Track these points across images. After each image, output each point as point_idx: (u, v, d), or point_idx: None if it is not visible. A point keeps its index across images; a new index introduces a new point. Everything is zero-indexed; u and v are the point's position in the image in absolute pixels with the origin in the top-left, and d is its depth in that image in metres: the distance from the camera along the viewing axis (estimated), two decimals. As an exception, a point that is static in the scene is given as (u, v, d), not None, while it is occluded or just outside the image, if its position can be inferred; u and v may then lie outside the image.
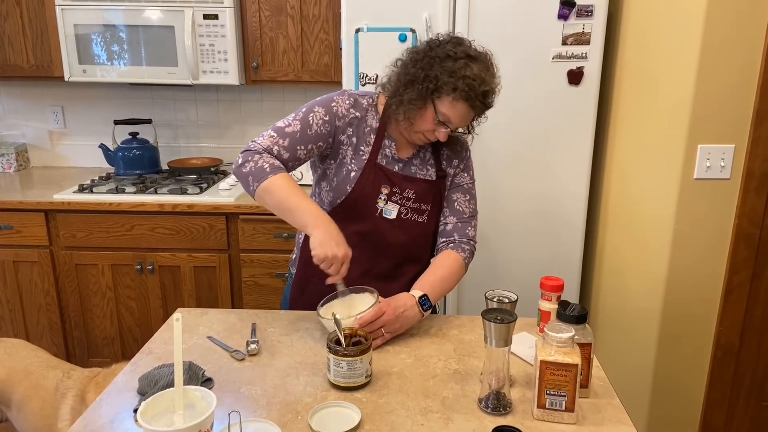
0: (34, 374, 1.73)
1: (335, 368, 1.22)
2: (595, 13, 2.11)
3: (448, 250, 1.56)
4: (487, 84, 1.39)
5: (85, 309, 2.64)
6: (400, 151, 1.55)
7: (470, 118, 1.46)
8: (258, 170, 1.41)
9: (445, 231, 1.59)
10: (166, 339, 1.44)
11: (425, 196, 1.55)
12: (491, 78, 1.41)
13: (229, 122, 3.05)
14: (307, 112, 1.49)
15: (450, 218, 1.59)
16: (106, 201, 2.49)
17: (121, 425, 1.12)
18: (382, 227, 1.52)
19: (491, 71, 1.42)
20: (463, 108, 1.41)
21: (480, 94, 1.38)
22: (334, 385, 1.23)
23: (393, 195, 1.53)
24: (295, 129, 1.47)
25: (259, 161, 1.42)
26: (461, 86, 1.37)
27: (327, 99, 1.52)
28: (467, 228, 1.59)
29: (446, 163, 1.59)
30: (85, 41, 2.58)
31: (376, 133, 1.53)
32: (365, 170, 1.51)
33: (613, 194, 2.30)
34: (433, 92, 1.40)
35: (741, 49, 1.81)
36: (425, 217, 1.56)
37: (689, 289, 2.02)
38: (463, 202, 1.60)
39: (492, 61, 1.45)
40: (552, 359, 1.10)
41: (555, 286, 1.36)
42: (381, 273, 1.55)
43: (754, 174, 1.89)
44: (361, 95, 1.55)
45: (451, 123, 1.43)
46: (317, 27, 2.61)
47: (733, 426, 2.15)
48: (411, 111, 1.43)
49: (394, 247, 1.55)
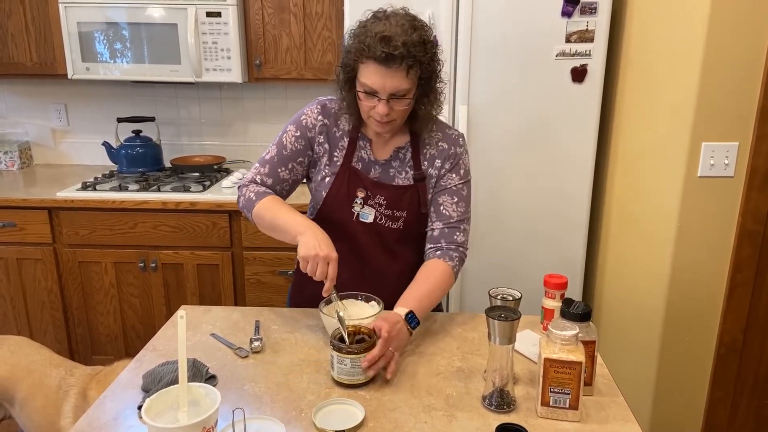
0: (37, 372, 1.74)
1: (339, 365, 1.22)
2: (599, 10, 2.11)
3: (435, 259, 1.48)
4: (385, 31, 1.29)
5: (89, 306, 2.64)
6: (377, 152, 1.51)
7: (400, 78, 1.32)
8: (247, 201, 1.49)
9: (432, 237, 1.51)
10: (170, 336, 1.44)
11: (397, 202, 1.49)
12: (395, 27, 1.30)
13: (232, 120, 3.06)
14: (282, 134, 1.53)
15: (436, 223, 1.51)
16: (110, 199, 2.50)
17: (125, 422, 1.12)
18: (358, 231, 1.50)
19: (401, 23, 1.31)
20: (373, 67, 1.31)
21: (377, 42, 1.28)
22: (337, 382, 1.24)
23: (368, 199, 1.50)
24: (273, 154, 1.53)
25: (246, 193, 1.50)
26: (360, 46, 1.32)
27: (298, 115, 1.53)
28: (455, 233, 1.50)
29: (427, 163, 1.51)
30: (88, 39, 2.58)
31: (348, 135, 1.50)
32: (338, 174, 1.49)
33: (616, 192, 2.30)
34: (352, 68, 1.37)
35: (745, 46, 1.80)
36: (400, 223, 1.51)
37: (693, 286, 2.02)
38: (449, 206, 1.50)
39: (406, 14, 1.35)
40: (556, 357, 1.09)
41: (559, 284, 1.36)
42: (362, 280, 1.49)
43: (758, 172, 1.89)
44: (330, 100, 1.52)
45: (378, 91, 1.33)
46: (320, 24, 2.61)
47: (736, 423, 2.15)
48: (348, 97, 1.42)
49: (371, 253, 1.51)
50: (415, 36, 1.31)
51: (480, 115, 2.23)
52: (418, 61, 1.32)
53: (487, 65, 2.19)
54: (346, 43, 1.39)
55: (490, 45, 2.17)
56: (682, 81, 1.90)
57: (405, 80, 1.33)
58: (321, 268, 1.31)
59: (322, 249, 1.31)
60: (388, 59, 1.29)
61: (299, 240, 1.34)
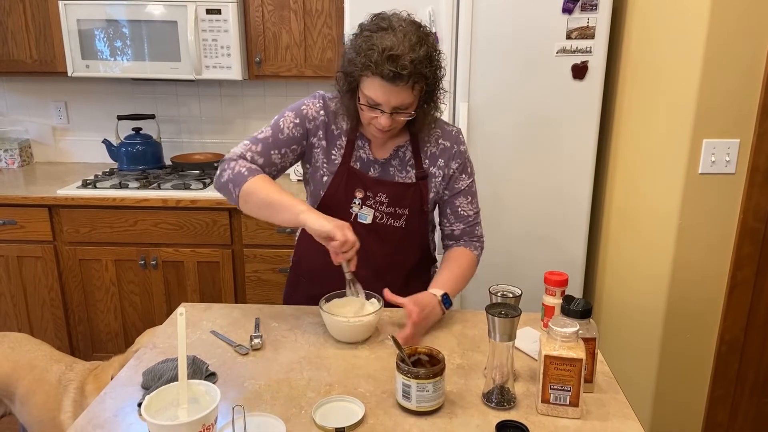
0: (38, 368, 1.75)
1: (419, 393, 1.11)
2: (600, 7, 2.10)
3: (461, 247, 1.57)
4: (393, 49, 1.27)
5: (89, 304, 2.64)
6: (376, 152, 1.50)
7: (405, 95, 1.33)
8: (236, 175, 1.40)
9: (453, 236, 1.58)
10: (170, 334, 1.44)
11: (400, 200, 1.49)
12: (403, 42, 1.28)
13: (232, 117, 3.05)
14: (278, 117, 1.49)
15: (456, 225, 1.57)
16: (110, 196, 2.50)
17: (125, 419, 1.12)
18: (357, 232, 1.44)
19: (408, 36, 1.29)
20: (378, 84, 1.31)
21: (384, 60, 1.27)
22: (414, 412, 1.13)
23: (367, 199, 1.49)
24: (267, 135, 1.47)
25: (235, 167, 1.42)
26: (366, 61, 1.29)
27: (298, 103, 1.51)
28: (475, 229, 1.59)
29: (429, 161, 1.51)
30: (88, 36, 2.58)
31: (346, 135, 1.49)
32: (337, 174, 1.48)
33: (617, 189, 2.29)
34: (355, 79, 1.36)
35: (746, 43, 1.80)
36: (402, 221, 1.51)
37: (693, 284, 2.02)
38: (466, 206, 1.56)
39: (411, 23, 1.34)
40: (556, 354, 1.09)
41: (559, 281, 1.35)
42: (361, 280, 1.44)
43: (759, 169, 1.88)
44: (332, 98, 1.50)
45: (381, 104, 1.34)
46: (320, 22, 2.61)
47: (737, 422, 2.14)
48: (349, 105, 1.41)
49: (371, 254, 1.49)
50: (422, 52, 1.30)
51: (480, 113, 2.23)
52: (424, 76, 1.33)
53: (488, 62, 2.18)
54: (348, 51, 1.37)
55: (490, 42, 2.17)
56: (683, 78, 1.90)
57: (410, 96, 1.34)
58: (341, 233, 1.28)
59: (334, 219, 1.31)
60: (395, 78, 1.29)
61: (305, 218, 1.31)
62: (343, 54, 1.40)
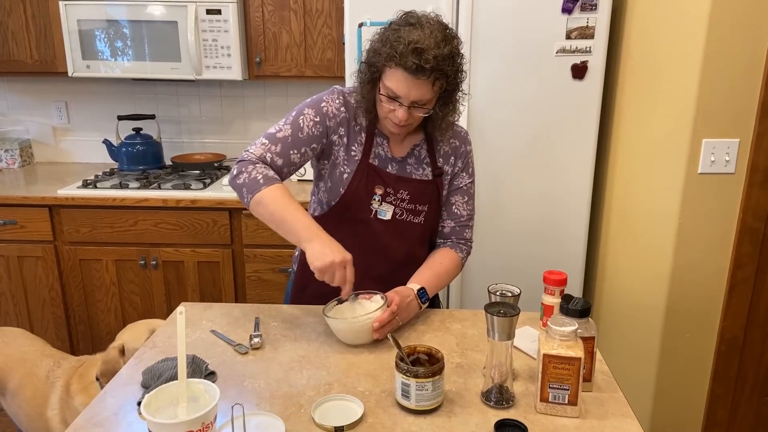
0: (28, 362, 1.76)
1: (419, 392, 1.11)
2: (600, 7, 2.10)
3: (446, 248, 1.58)
4: (419, 42, 1.29)
5: (90, 304, 2.65)
6: (394, 150, 1.52)
7: (425, 89, 1.34)
8: (252, 182, 1.40)
9: (442, 233, 1.60)
10: (170, 333, 1.45)
11: (420, 196, 1.52)
12: (429, 38, 1.30)
13: (233, 118, 3.06)
14: (298, 115, 1.47)
15: (447, 221, 1.59)
16: (110, 196, 2.50)
17: (125, 418, 1.13)
18: (377, 229, 1.50)
19: (434, 33, 1.31)
20: (401, 75, 1.32)
21: (410, 53, 1.28)
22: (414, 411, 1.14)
23: (387, 196, 1.50)
24: (287, 134, 1.46)
25: (252, 172, 1.41)
26: (391, 52, 1.31)
27: (317, 99, 1.49)
28: (465, 231, 1.60)
29: (443, 160, 1.55)
30: (89, 37, 2.59)
31: (366, 131, 1.50)
32: (357, 171, 1.48)
33: (617, 189, 2.29)
34: (378, 70, 1.37)
35: (745, 43, 1.80)
36: (421, 218, 1.54)
37: (693, 283, 2.02)
38: (461, 205, 1.59)
39: (439, 23, 1.35)
40: (555, 353, 1.09)
41: (558, 280, 1.35)
42: (378, 276, 1.50)
43: (759, 168, 1.88)
44: (350, 93, 1.51)
45: (401, 97, 1.35)
46: (320, 22, 2.61)
47: (736, 421, 2.15)
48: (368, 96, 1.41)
49: (390, 249, 1.53)
50: (446, 50, 1.32)
51: (480, 112, 2.23)
52: (445, 74, 1.34)
53: (488, 62, 2.18)
54: (373, 42, 1.38)
55: (490, 42, 2.17)
56: (682, 77, 1.90)
57: (429, 91, 1.35)
58: (339, 274, 1.31)
59: (335, 255, 1.30)
60: (417, 70, 1.30)
61: (307, 248, 1.33)
62: (368, 45, 1.41)
